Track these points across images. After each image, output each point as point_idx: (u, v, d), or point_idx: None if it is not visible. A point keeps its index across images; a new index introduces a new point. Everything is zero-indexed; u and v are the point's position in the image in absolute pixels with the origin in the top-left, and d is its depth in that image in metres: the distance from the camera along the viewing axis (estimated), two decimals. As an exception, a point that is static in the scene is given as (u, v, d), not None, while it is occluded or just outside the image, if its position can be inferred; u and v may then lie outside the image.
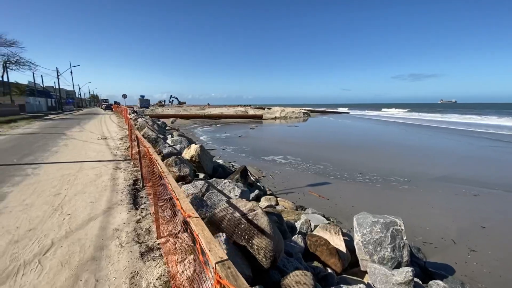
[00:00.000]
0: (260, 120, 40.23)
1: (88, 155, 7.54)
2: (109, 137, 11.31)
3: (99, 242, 2.84)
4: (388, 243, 3.99)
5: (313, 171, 9.70)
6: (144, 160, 5.48)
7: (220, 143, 17.02)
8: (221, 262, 0.75)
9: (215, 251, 0.80)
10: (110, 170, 5.93)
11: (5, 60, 32.10)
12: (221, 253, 0.80)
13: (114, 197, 4.27)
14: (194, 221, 1.04)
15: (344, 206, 6.77)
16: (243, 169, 7.02)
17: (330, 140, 18.40)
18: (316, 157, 11.75)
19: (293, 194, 7.69)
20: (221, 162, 8.35)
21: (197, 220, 1.05)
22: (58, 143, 9.58)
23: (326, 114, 60.22)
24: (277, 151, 13.32)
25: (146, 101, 57.95)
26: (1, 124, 16.24)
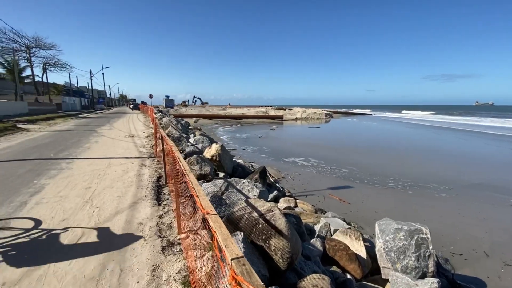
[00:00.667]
0: (281, 121, 40.04)
1: (117, 152, 7.97)
2: (135, 135, 11.87)
3: (124, 234, 3.00)
4: (412, 251, 3.81)
5: (338, 174, 9.43)
6: (168, 158, 5.71)
7: (241, 143, 17.18)
8: (236, 259, 0.77)
9: (231, 248, 0.82)
10: (136, 166, 6.23)
11: (44, 62, 34.91)
12: (236, 250, 0.82)
13: (139, 192, 4.47)
14: (212, 218, 1.07)
15: (366, 211, 6.55)
16: (262, 170, 7.04)
17: (356, 143, 17.75)
18: (341, 160, 11.42)
19: (313, 196, 7.58)
20: (240, 162, 8.44)
21: (215, 217, 1.08)
22: (90, 140, 10.23)
23: (349, 116, 58.56)
24: (299, 152, 13.19)
25: (170, 101, 60.04)
26: (41, 121, 17.66)
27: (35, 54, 32.15)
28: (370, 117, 54.17)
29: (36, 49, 31.65)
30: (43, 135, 11.52)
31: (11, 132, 11.97)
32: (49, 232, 3.01)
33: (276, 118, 42.23)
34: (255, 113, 44.91)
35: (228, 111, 46.84)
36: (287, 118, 43.31)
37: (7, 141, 9.67)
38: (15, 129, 12.74)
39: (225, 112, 46.01)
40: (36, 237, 2.87)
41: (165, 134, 4.90)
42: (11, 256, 2.46)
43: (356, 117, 55.44)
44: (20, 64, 30.76)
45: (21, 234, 2.89)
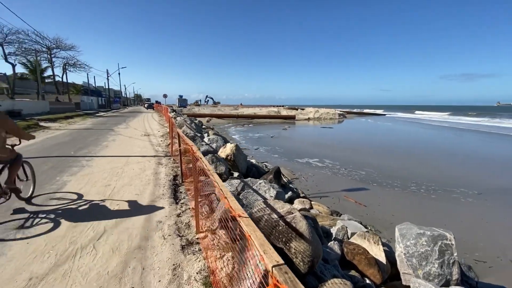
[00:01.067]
0: (293, 121, 39.77)
1: (133, 150, 8.14)
2: (151, 134, 12.10)
3: (144, 232, 3.04)
4: (435, 258, 3.66)
5: (355, 176, 9.20)
6: (184, 157, 5.76)
7: (253, 143, 17.18)
8: (278, 266, 0.74)
9: (270, 254, 0.79)
10: (152, 165, 6.33)
11: (64, 63, 36.23)
12: (276, 257, 0.79)
13: (157, 190, 4.54)
14: (245, 221, 1.04)
15: (383, 214, 6.38)
16: (277, 170, 6.99)
17: (372, 144, 17.28)
18: (357, 162, 11.15)
19: (327, 198, 7.46)
20: (254, 161, 8.42)
21: (247, 220, 1.05)
22: (108, 138, 10.50)
23: (362, 116, 57.43)
24: (312, 153, 13.02)
25: (184, 100, 60.95)
26: (61, 120, 18.33)
27: (55, 55, 33.44)
28: (385, 118, 52.91)
29: (57, 50, 32.91)
30: (63, 133, 11.93)
31: (34, 130, 12.49)
32: (73, 228, 3.10)
33: (288, 118, 41.99)
34: (267, 113, 44.83)
35: (240, 111, 46.99)
36: (299, 118, 42.97)
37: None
38: (37, 127, 13.29)
39: (237, 112, 46.17)
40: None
41: (182, 134, 4.94)
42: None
43: (370, 117, 54.28)
44: (41, 65, 32.08)
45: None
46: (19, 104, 19.73)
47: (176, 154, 7.48)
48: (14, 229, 3.01)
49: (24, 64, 30.04)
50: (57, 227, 3.10)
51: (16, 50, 26.36)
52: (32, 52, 28.43)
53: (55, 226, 3.11)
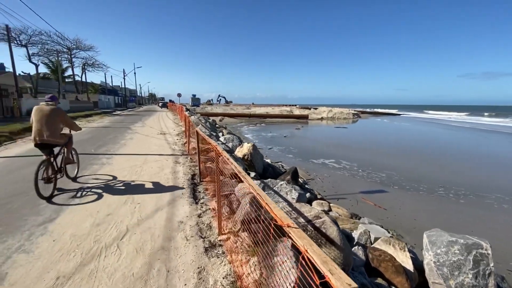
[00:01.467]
0: (306, 121, 39.31)
1: (151, 148, 8.22)
2: (167, 132, 12.22)
3: (166, 232, 3.00)
4: (469, 268, 3.43)
5: (375, 178, 8.88)
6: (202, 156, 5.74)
7: (266, 143, 17.06)
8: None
9: (339, 276, 0.69)
10: (170, 163, 6.35)
11: (83, 63, 37.38)
12: (348, 279, 0.68)
13: (176, 190, 4.52)
14: (296, 233, 0.94)
15: (405, 218, 6.12)
16: (294, 170, 6.86)
17: (391, 145, 16.69)
18: (376, 164, 10.77)
19: (345, 200, 7.25)
20: (270, 161, 8.30)
21: (299, 232, 0.95)
22: (125, 136, 10.69)
23: (377, 116, 56.03)
24: (328, 154, 12.76)
25: (197, 99, 61.54)
26: (81, 118, 18.89)
27: (75, 55, 34.55)
28: (401, 118, 51.37)
29: (77, 50, 33.98)
30: (83, 132, 12.26)
31: (55, 127, 12.93)
32: (97, 226, 3.11)
33: (301, 118, 41.56)
34: (279, 112, 44.54)
35: (252, 110, 46.92)
36: (312, 118, 42.43)
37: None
38: (59, 125, 13.75)
39: (249, 111, 46.13)
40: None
41: (203, 134, 4.91)
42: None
43: (385, 117, 52.88)
44: (62, 65, 33.24)
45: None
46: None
47: (193, 153, 7.49)
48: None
49: (46, 64, 31.25)
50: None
51: (39, 51, 27.44)
52: (53, 52, 29.50)
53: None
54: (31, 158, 6.56)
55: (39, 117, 4.07)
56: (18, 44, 24.50)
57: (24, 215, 3.35)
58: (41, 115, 4.09)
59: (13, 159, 6.53)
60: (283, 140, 18.67)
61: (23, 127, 10.84)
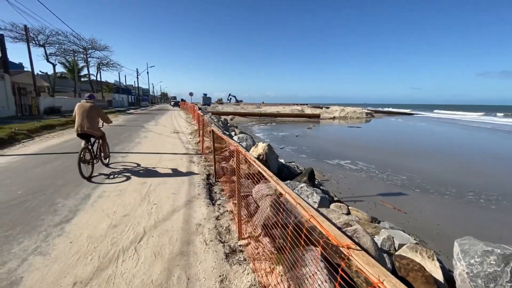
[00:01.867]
0: (318, 120, 38.77)
1: (165, 147, 8.19)
2: (180, 131, 12.21)
3: (185, 236, 2.87)
4: (506, 280, 3.13)
5: (396, 181, 8.49)
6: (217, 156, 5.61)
7: (278, 142, 16.85)
8: None
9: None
10: (185, 163, 6.26)
11: (99, 62, 38.21)
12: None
13: (192, 190, 4.40)
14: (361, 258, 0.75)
15: (427, 223, 5.80)
16: (311, 172, 6.64)
17: (410, 146, 16.01)
18: (395, 165, 10.32)
19: (362, 203, 6.97)
20: (284, 161, 8.10)
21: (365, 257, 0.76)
22: (139, 135, 10.74)
23: (391, 115, 54.64)
24: (343, 154, 12.41)
25: (208, 99, 61.82)
26: (96, 117, 19.29)
27: (91, 55, 35.35)
28: (416, 117, 49.89)
29: (92, 50, 34.75)
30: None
31: (72, 125, 13.17)
32: (114, 227, 3.03)
33: (312, 117, 41.02)
34: (290, 111, 44.13)
35: (262, 109, 46.69)
36: (324, 117, 41.81)
37: (70, 134, 10.59)
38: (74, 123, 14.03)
39: (260, 110, 45.92)
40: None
41: (220, 134, 4.78)
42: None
43: (399, 116, 51.49)
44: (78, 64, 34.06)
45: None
46: (59, 101, 21.08)
47: (207, 152, 7.39)
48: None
49: (63, 64, 32.10)
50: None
51: (56, 50, 28.21)
52: (70, 52, 30.27)
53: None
54: (48, 156, 6.63)
55: (80, 112, 4.89)
56: (36, 44, 25.26)
57: (42, 214, 3.33)
58: (82, 110, 4.89)
59: (30, 157, 6.61)
60: (295, 139, 18.40)
61: (41, 125, 11.09)
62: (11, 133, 8.67)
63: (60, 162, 6.02)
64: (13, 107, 14.84)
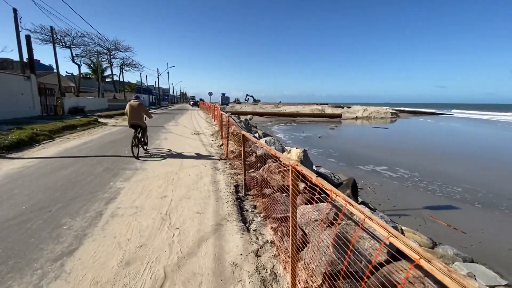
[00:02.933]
0: (339, 120, 37.15)
1: (186, 150, 7.57)
2: (201, 132, 11.65)
3: (218, 285, 2.11)
4: None
5: (451, 194, 7.25)
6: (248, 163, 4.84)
7: (300, 144, 15.89)
8: None
9: None
10: (209, 170, 5.55)
11: (121, 63, 39.00)
12: None
13: (220, 208, 3.66)
14: None
15: (494, 247, 4.69)
16: (353, 183, 5.69)
17: (457, 152, 14.18)
18: (446, 175, 8.99)
19: (408, 218, 5.95)
20: (322, 170, 7.17)
21: None
22: (160, 136, 10.25)
23: (418, 115, 51.51)
24: (377, 159, 11.23)
25: (226, 98, 61.66)
26: (117, 116, 19.32)
27: (114, 56, 36.12)
28: (446, 117, 46.57)
29: (115, 51, 35.49)
30: (118, 130, 12.15)
31: (93, 126, 13.04)
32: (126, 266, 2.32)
33: (333, 117, 39.43)
34: (310, 111, 42.75)
35: (281, 109, 45.68)
36: (346, 117, 40.04)
37: (90, 135, 10.32)
38: (96, 123, 13.91)
39: (279, 109, 44.96)
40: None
41: (255, 139, 4.01)
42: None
43: (427, 117, 48.37)
44: (102, 65, 34.89)
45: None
46: (83, 101, 21.41)
47: (232, 157, 6.66)
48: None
49: (87, 64, 32.98)
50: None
51: (81, 52, 28.93)
52: (94, 53, 30.98)
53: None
54: (63, 161, 6.18)
55: (131, 109, 6.57)
56: (63, 46, 25.97)
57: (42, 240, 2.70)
58: (132, 108, 6.56)
59: (46, 161, 6.20)
60: (319, 141, 17.35)
61: (63, 126, 10.93)
62: (32, 134, 8.44)
63: (74, 168, 5.50)
64: (38, 107, 15.01)
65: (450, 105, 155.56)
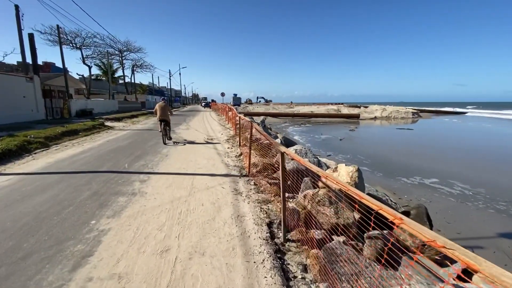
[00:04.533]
0: (357, 120, 35.11)
1: (198, 162, 6.22)
2: (214, 137, 10.33)
3: None
4: None
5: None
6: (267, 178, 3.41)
7: (321, 147, 14.33)
8: None
9: None
10: (229, 195, 4.16)
11: (133, 64, 38.47)
12: None
13: (254, 273, 2.26)
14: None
15: None
16: (425, 212, 4.18)
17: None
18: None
19: (484, 251, 4.39)
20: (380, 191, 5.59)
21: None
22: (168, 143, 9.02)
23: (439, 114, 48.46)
24: (420, 168, 9.49)
25: (238, 99, 60.47)
26: (126, 119, 18.34)
27: (125, 57, 35.59)
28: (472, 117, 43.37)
29: (127, 52, 34.93)
30: (124, 135, 11.03)
31: (98, 130, 11.97)
32: None
33: (350, 117, 37.41)
34: (325, 111, 40.85)
35: (295, 109, 44.03)
36: (364, 117, 37.89)
37: (92, 141, 9.19)
38: (102, 127, 12.85)
39: (292, 110, 43.33)
40: None
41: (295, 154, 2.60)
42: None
43: (452, 116, 45.33)
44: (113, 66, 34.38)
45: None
46: (91, 103, 20.59)
47: (254, 172, 5.25)
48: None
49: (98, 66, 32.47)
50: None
51: (92, 53, 28.33)
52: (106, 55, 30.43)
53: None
54: (49, 179, 4.94)
55: (160, 108, 8.70)
56: (73, 47, 25.43)
57: None
58: (160, 107, 8.71)
59: (29, 178, 5.00)
60: (340, 144, 15.73)
61: (63, 131, 9.87)
62: (24, 142, 7.35)
63: (53, 192, 4.14)
64: (42, 110, 14.09)
65: (466, 103, 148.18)
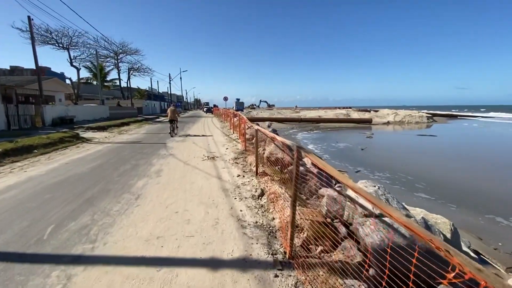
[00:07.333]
0: (369, 125, 32.47)
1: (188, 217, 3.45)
2: (217, 155, 7.57)
3: None
4: None
5: None
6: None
7: (343, 159, 11.66)
8: None
9: None
10: None
11: (129, 67, 36.02)
12: None
13: None
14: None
15: None
16: None
17: None
18: None
19: None
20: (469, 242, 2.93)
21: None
22: (150, 168, 6.18)
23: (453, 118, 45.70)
24: (499, 194, 6.79)
25: (241, 104, 57.85)
26: (113, 128, 15.63)
27: (121, 59, 33.17)
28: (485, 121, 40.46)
29: (123, 54, 32.52)
30: (97, 152, 8.35)
31: (65, 145, 9.23)
32: None
33: (362, 122, 34.77)
34: (334, 116, 38.19)
35: (302, 114, 41.46)
36: (377, 122, 35.23)
37: (43, 165, 6.48)
38: (73, 140, 10.11)
39: (299, 114, 40.78)
40: None
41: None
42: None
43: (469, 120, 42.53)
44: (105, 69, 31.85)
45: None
46: (73, 110, 17.77)
47: (298, 246, 2.54)
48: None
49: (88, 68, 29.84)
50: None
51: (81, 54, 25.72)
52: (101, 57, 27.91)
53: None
54: None
55: (171, 111, 12.38)
56: (60, 47, 22.95)
57: None
58: (171, 110, 12.40)
59: None
60: (363, 154, 13.11)
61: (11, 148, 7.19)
62: None
63: None
64: (2, 119, 11.36)
65: (470, 106, 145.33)
